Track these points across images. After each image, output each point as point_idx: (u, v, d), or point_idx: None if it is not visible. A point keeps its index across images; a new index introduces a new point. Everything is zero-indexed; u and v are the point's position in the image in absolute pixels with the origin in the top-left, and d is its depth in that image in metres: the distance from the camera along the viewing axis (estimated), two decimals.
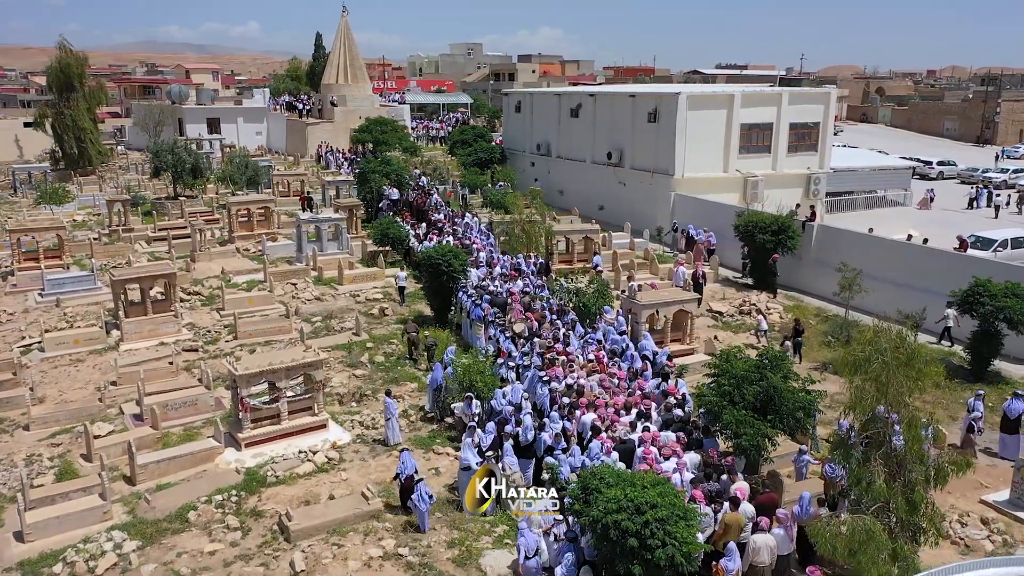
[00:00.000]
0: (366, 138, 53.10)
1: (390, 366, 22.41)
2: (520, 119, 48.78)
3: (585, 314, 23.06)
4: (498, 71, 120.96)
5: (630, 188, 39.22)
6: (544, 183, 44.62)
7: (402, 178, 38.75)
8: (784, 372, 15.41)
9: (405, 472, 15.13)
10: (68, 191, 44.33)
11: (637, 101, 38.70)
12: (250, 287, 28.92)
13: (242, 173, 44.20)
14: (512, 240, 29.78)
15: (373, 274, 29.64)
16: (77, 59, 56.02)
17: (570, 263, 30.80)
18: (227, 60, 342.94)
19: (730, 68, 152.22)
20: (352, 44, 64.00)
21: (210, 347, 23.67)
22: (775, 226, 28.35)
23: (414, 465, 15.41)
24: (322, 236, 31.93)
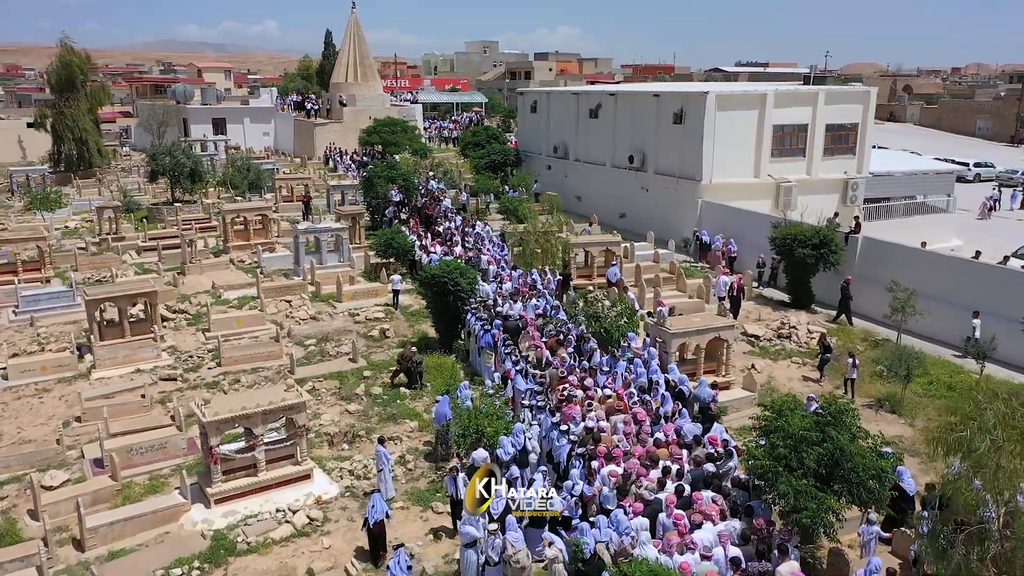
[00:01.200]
0: (374, 139, 50.77)
1: (388, 399, 19.99)
2: (536, 120, 46.26)
3: (607, 341, 20.55)
4: (514, 69, 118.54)
5: (653, 194, 36.62)
6: (561, 188, 42.07)
7: (409, 183, 36.34)
8: (851, 429, 12.81)
9: (374, 517, 13.21)
10: (60, 196, 42.23)
11: (661, 101, 36.09)
12: (241, 304, 26.65)
13: (244, 177, 42.03)
14: (526, 253, 27.28)
15: (375, 290, 27.25)
16: (79, 58, 54.09)
17: (589, 277, 28.28)
18: (244, 59, 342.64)
19: (751, 66, 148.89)
20: (362, 41, 61.75)
21: (191, 375, 21.36)
22: (816, 239, 25.69)
23: (384, 509, 13.45)
24: (321, 247, 29.60)
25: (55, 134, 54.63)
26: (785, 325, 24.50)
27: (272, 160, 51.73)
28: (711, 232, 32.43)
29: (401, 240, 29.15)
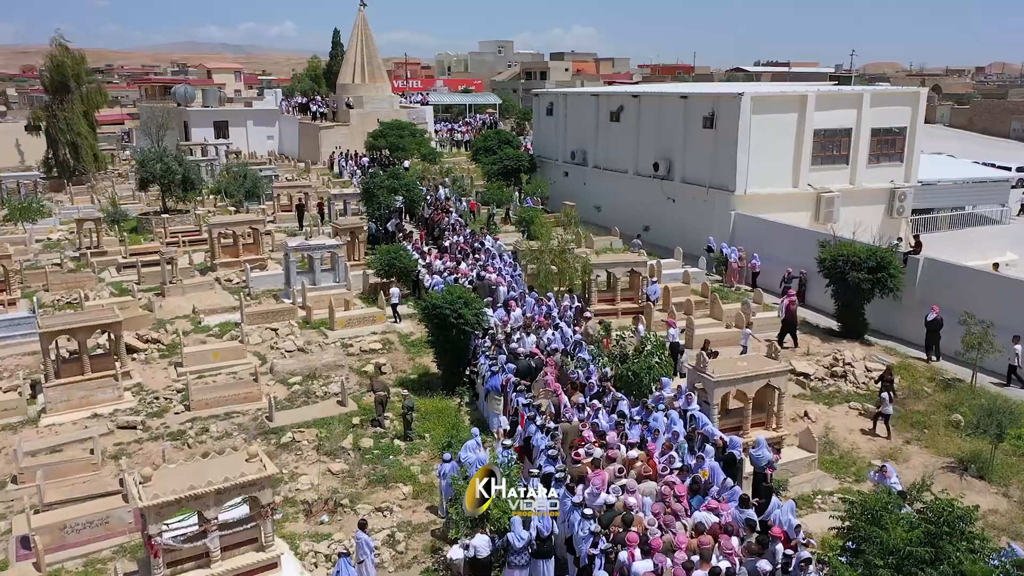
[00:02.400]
0: (381, 143, 47.94)
1: (379, 454, 17.06)
2: (552, 123, 43.21)
3: (635, 387, 17.52)
4: (529, 69, 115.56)
5: (681, 205, 33.51)
6: (579, 197, 39.03)
7: (414, 194, 33.44)
8: (971, 541, 9.70)
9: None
10: (43, 206, 39.63)
11: (690, 103, 32.97)
12: (223, 332, 23.82)
13: (239, 185, 39.30)
14: (542, 274, 24.26)
15: (372, 316, 24.35)
16: (73, 58, 51.72)
17: (612, 301, 25.25)
18: (263, 60, 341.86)
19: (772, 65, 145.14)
20: (370, 40, 59.01)
21: (154, 421, 18.51)
22: (872, 261, 22.52)
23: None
24: (315, 266, 26.73)
25: (49, 138, 52.30)
26: (839, 361, 21.34)
27: (272, 166, 49.01)
28: (747, 247, 29.25)
29: (403, 259, 26.20)
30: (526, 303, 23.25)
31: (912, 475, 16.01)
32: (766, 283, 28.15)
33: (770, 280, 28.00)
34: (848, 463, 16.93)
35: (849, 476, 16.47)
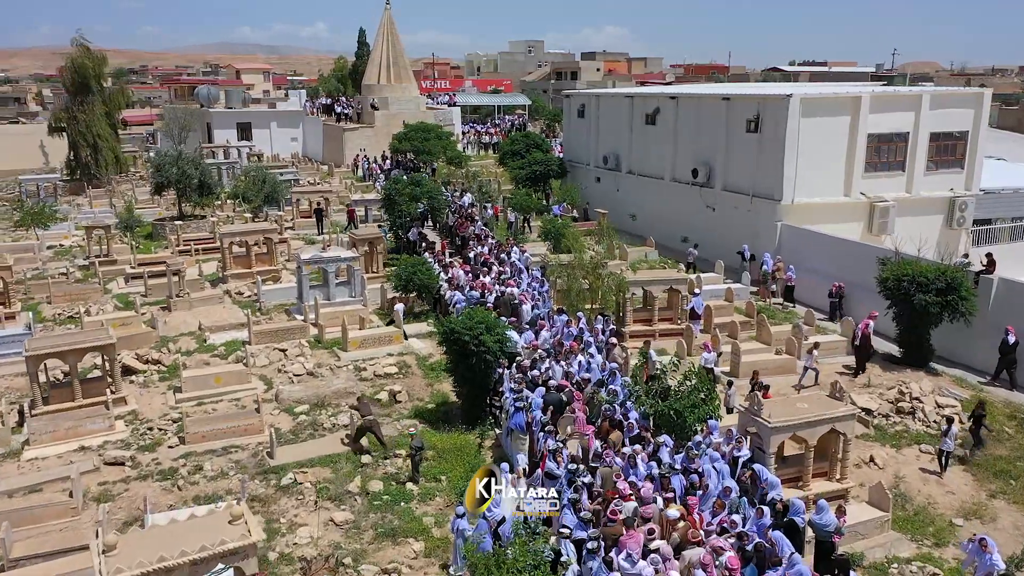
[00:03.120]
0: (405, 146, 46.23)
1: (390, 500, 15.22)
2: (584, 125, 41.14)
3: (678, 427, 15.49)
4: (560, 69, 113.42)
5: (722, 215, 31.30)
6: (611, 204, 36.97)
7: (436, 201, 31.63)
8: None
9: None
10: (56, 211, 38.46)
11: (733, 105, 30.74)
12: (228, 351, 22.16)
13: (258, 189, 37.79)
14: (573, 291, 22.26)
15: (388, 336, 22.53)
16: (94, 59, 50.70)
17: (649, 322, 23.18)
18: (294, 60, 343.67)
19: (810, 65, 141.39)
20: (396, 40, 57.40)
21: (145, 456, 16.84)
22: (940, 281, 20.22)
23: None
24: (329, 280, 25.01)
25: (70, 139, 51.41)
26: (905, 395, 19.07)
27: (293, 169, 47.52)
28: (796, 261, 27.01)
29: (423, 274, 24.35)
30: (554, 324, 21.30)
31: (1003, 538, 13.87)
32: (804, 297, 26.45)
33: (809, 294, 26.30)
34: (925, 521, 14.76)
35: (927, 538, 14.32)
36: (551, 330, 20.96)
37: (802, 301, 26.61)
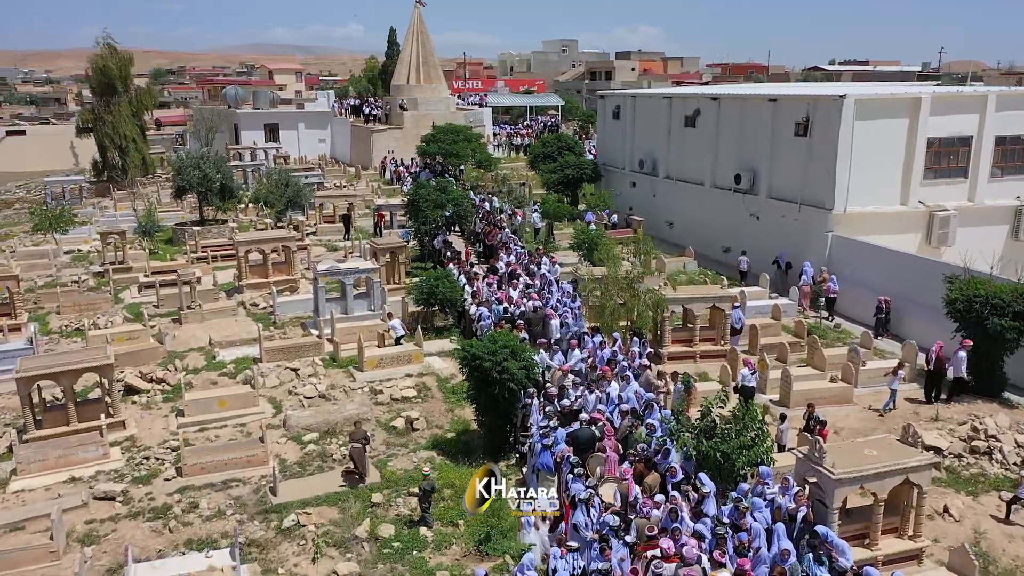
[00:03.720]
0: (433, 149, 44.76)
1: (401, 547, 13.65)
2: (619, 127, 39.29)
3: (726, 473, 13.71)
4: (594, 69, 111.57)
5: (767, 224, 29.30)
6: (647, 210, 35.13)
7: (462, 208, 30.07)
8: None
9: None
10: (75, 215, 37.66)
11: (780, 106, 28.73)
12: (238, 369, 20.81)
13: (280, 193, 36.57)
14: (607, 308, 20.49)
15: (407, 355, 20.99)
16: (120, 59, 50.10)
17: (689, 343, 21.38)
18: (329, 61, 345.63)
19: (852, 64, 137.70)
20: (426, 39, 56.03)
21: (139, 489, 15.49)
22: (1020, 304, 18.15)
23: None
24: (347, 293, 23.57)
25: (97, 141, 50.90)
26: (980, 432, 17.04)
27: (318, 172, 46.33)
28: (850, 275, 25.00)
29: (446, 288, 22.79)
30: (586, 345, 19.60)
31: None
32: (846, 310, 24.91)
33: (851, 307, 24.74)
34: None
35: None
36: (583, 351, 19.31)
37: (844, 314, 24.96)
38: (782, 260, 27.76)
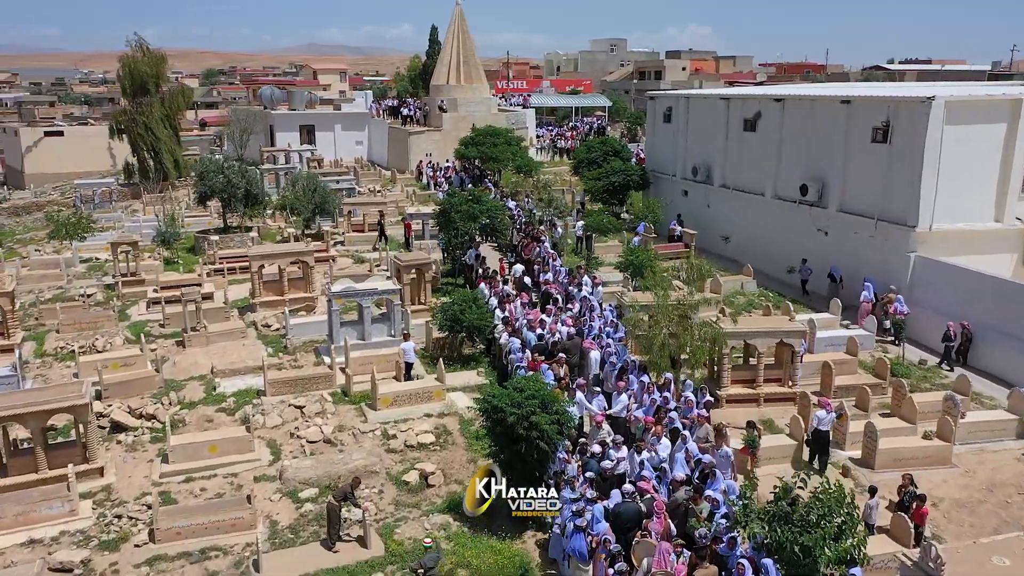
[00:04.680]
0: (471, 152, 42.35)
1: None
2: (670, 131, 36.27)
3: (806, 570, 10.88)
4: (643, 69, 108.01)
5: (837, 241, 26.15)
6: (701, 222, 32.14)
7: (497, 220, 27.52)
8: None
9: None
10: (94, 221, 36.13)
11: (855, 109, 25.53)
12: (239, 403, 18.58)
13: (308, 200, 34.49)
14: (656, 344, 17.66)
15: (427, 391, 18.49)
16: (153, 59, 48.89)
17: (751, 383, 18.47)
18: (379, 61, 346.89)
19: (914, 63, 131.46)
20: (467, 38, 53.64)
21: (102, 560, 13.26)
22: None
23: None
24: (364, 316, 21.19)
25: (131, 143, 49.75)
26: None
27: (351, 176, 44.21)
28: (939, 306, 21.83)
29: (473, 314, 20.23)
30: (631, 386, 16.88)
31: None
32: (916, 336, 22.12)
33: (924, 333, 22.01)
34: None
35: None
36: (628, 393, 16.61)
37: (913, 339, 22.20)
38: (836, 273, 25.06)
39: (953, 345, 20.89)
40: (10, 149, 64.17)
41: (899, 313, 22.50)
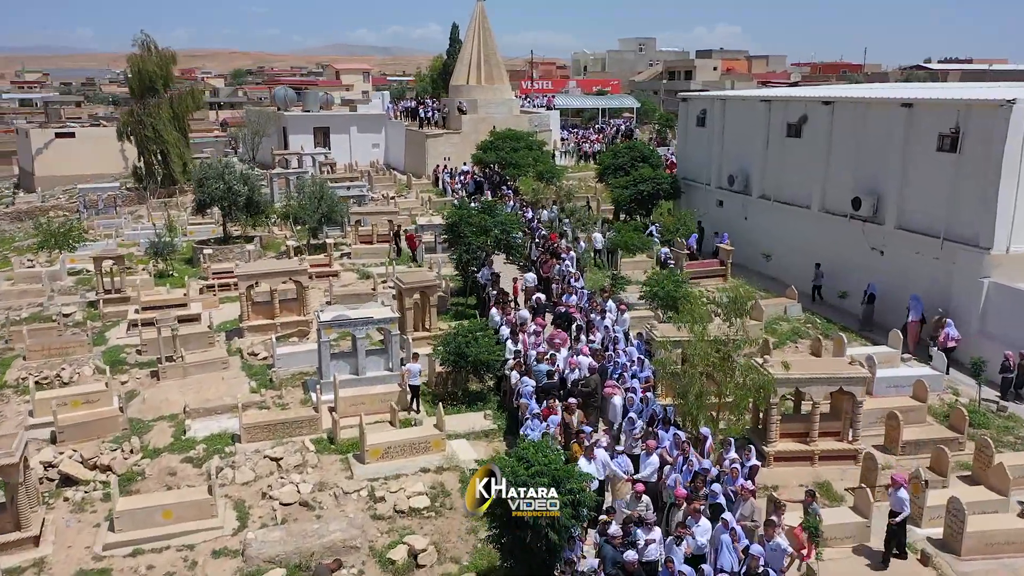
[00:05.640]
0: (490, 157, 39.84)
1: None
2: (704, 136, 33.41)
3: None
4: (673, 69, 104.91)
5: (894, 261, 23.22)
6: (737, 236, 29.32)
7: (512, 237, 24.95)
8: None
9: None
10: (85, 231, 34.12)
11: (917, 114, 22.57)
12: (208, 452, 16.19)
13: (314, 208, 32.19)
14: (691, 393, 14.97)
15: (424, 441, 15.96)
16: (162, 58, 46.98)
17: (804, 437, 15.70)
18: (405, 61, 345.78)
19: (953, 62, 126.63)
20: (489, 36, 51.09)
21: None
22: None
23: None
24: (358, 348, 18.72)
25: (139, 145, 47.88)
26: None
27: (363, 182, 41.86)
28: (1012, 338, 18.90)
29: (477, 349, 17.67)
30: (661, 443, 14.21)
31: None
32: (990, 374, 18.97)
33: (993, 371, 19.08)
34: None
35: None
36: (659, 451, 13.95)
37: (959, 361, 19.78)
38: (873, 291, 22.75)
39: (1011, 377, 18.69)
40: (22, 151, 62.83)
41: (951, 340, 20.05)
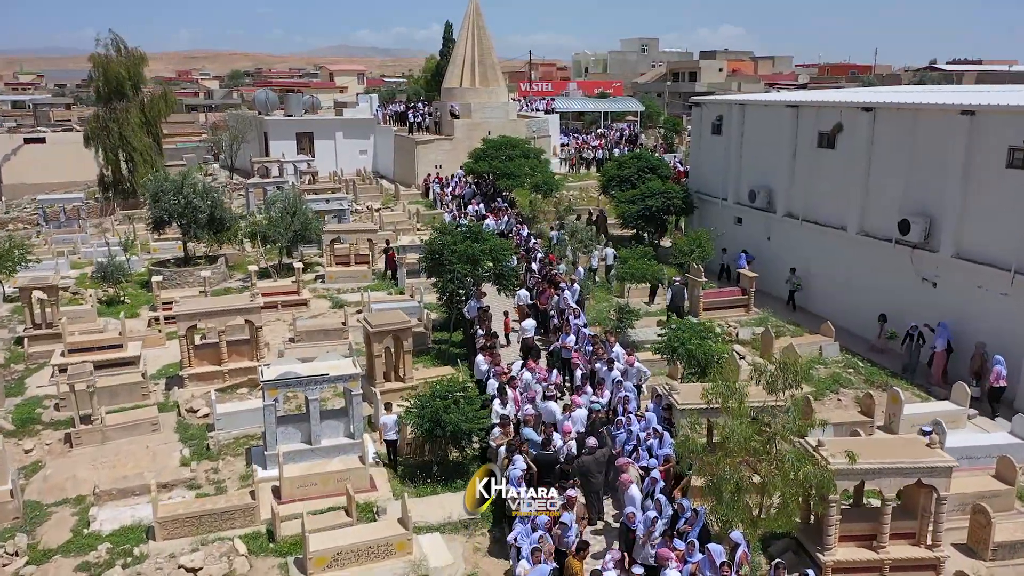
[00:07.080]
0: (481, 167, 36.46)
1: None
2: (720, 145, 29.94)
3: None
4: (677, 70, 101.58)
5: (950, 294, 19.81)
6: (760, 259, 25.96)
7: (504, 265, 21.53)
8: None
9: None
10: (32, 249, 30.70)
11: (981, 123, 19.13)
12: (114, 552, 12.75)
13: (285, 226, 28.81)
14: (726, 491, 11.55)
15: (387, 544, 12.52)
16: (132, 59, 43.57)
17: (870, 542, 12.27)
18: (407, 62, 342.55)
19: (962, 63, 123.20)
20: (483, 35, 47.78)
21: None
22: None
23: None
24: (312, 411, 15.29)
25: (104, 152, 44.48)
26: None
27: (343, 194, 38.45)
28: None
29: (459, 415, 14.28)
30: (693, 557, 10.81)
31: None
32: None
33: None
34: None
35: None
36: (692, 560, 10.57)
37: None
38: (948, 336, 19.10)
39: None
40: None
41: (1001, 380, 17.11)
